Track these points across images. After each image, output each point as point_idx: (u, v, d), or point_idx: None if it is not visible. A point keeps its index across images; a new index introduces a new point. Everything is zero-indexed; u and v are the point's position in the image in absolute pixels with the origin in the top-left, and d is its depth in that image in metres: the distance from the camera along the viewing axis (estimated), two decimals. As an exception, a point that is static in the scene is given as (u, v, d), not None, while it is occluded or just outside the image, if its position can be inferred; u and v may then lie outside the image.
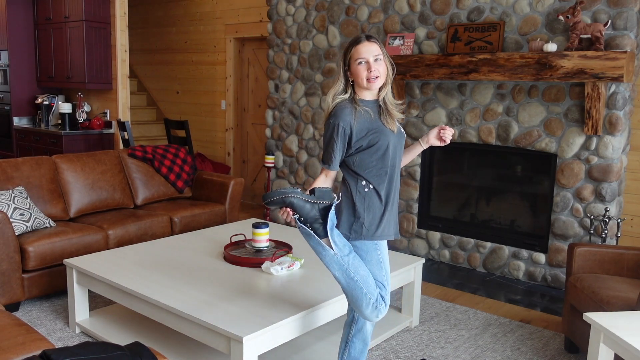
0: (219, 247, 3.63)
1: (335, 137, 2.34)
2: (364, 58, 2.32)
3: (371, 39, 2.36)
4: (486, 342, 3.36)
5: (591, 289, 2.95)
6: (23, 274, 3.60)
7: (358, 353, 2.62)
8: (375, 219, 2.40)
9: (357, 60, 2.33)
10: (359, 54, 2.33)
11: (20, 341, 2.06)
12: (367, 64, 2.32)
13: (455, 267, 4.80)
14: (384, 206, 2.40)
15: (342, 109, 2.34)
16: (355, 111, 2.33)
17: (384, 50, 2.38)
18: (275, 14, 5.82)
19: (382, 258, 2.46)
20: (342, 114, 2.33)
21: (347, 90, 2.39)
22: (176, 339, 3.11)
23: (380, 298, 2.42)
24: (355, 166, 2.38)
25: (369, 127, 2.34)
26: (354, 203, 2.39)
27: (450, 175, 5.09)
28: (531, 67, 4.03)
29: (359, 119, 2.33)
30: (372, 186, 2.38)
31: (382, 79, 2.36)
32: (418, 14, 4.81)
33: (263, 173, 6.84)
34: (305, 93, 5.66)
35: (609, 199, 4.06)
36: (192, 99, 7.66)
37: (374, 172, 2.37)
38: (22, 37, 6.87)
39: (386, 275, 2.47)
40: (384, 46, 2.43)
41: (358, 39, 2.37)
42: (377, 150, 2.35)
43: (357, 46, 2.34)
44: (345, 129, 2.32)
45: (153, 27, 8.02)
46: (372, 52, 2.33)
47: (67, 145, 6.22)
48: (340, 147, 2.35)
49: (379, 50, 2.35)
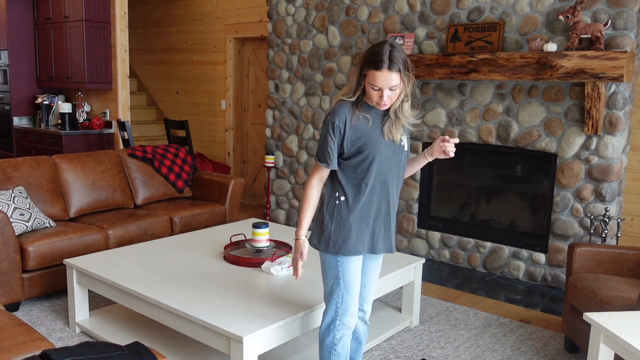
0: (219, 247, 3.63)
1: (331, 133, 2.25)
2: (379, 87, 2.17)
3: (393, 68, 2.13)
4: (486, 342, 3.36)
5: (591, 289, 2.95)
6: (23, 274, 3.60)
7: (352, 352, 2.63)
8: (342, 233, 2.30)
9: (370, 84, 2.18)
10: (374, 81, 2.16)
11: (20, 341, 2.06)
12: (380, 91, 2.18)
13: (455, 267, 4.80)
14: (357, 220, 2.30)
15: (341, 106, 2.27)
16: (352, 113, 2.25)
17: (405, 74, 2.17)
18: (275, 13, 5.82)
19: (342, 274, 2.35)
20: (340, 111, 2.25)
21: (357, 92, 2.25)
22: (176, 339, 3.11)
23: (338, 317, 2.38)
24: (337, 172, 2.31)
25: (360, 134, 2.24)
26: (324, 214, 2.34)
27: (450, 175, 5.09)
28: (531, 67, 4.03)
29: (355, 122, 2.24)
30: (345, 198, 2.30)
31: (394, 102, 2.23)
32: (418, 13, 4.80)
33: (263, 173, 6.84)
34: (305, 93, 5.66)
35: (609, 199, 4.06)
36: (192, 99, 7.66)
37: (354, 182, 2.29)
38: (22, 37, 6.87)
39: (346, 294, 2.36)
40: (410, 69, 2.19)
41: (379, 63, 2.13)
42: (363, 160, 2.26)
43: (376, 72, 2.14)
44: (340, 127, 2.24)
45: (153, 27, 8.02)
46: (390, 83, 2.15)
47: (67, 145, 6.22)
48: (336, 145, 2.27)
49: (398, 80, 2.16)
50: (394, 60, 2.13)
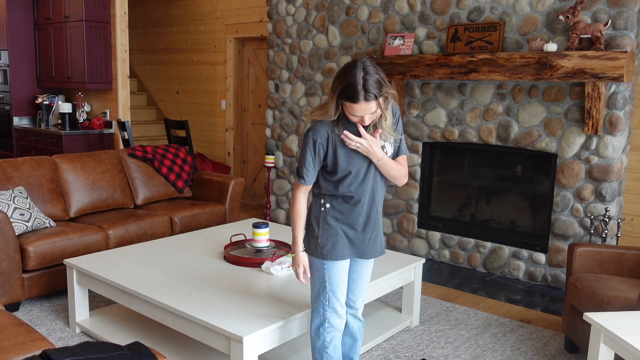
0: (219, 247, 3.64)
1: (312, 151, 2.26)
2: (358, 116, 2.16)
3: (369, 98, 2.09)
4: (486, 342, 3.36)
5: (591, 289, 2.95)
6: (23, 274, 3.60)
7: (347, 348, 2.63)
8: (329, 239, 2.34)
9: (350, 113, 2.17)
10: (353, 111, 2.15)
11: (20, 341, 2.06)
12: (360, 117, 2.17)
13: (456, 267, 4.80)
14: (344, 228, 2.34)
15: (322, 123, 2.26)
16: (333, 131, 2.24)
17: (383, 97, 2.15)
18: (275, 13, 5.82)
19: (327, 278, 2.38)
20: (321, 128, 2.25)
21: (336, 112, 2.21)
22: (176, 339, 3.11)
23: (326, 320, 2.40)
24: (321, 182, 2.34)
25: (342, 150, 2.25)
26: (311, 220, 2.38)
27: (450, 175, 5.09)
28: (531, 67, 4.03)
29: (336, 139, 2.24)
30: (331, 206, 2.33)
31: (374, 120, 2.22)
32: (418, 13, 4.80)
33: (263, 173, 6.84)
34: (306, 93, 5.66)
35: (609, 199, 4.06)
36: (192, 99, 7.66)
37: (339, 193, 2.31)
38: (22, 37, 6.87)
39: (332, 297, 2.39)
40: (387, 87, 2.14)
41: (354, 96, 2.09)
42: (347, 174, 2.28)
43: (353, 105, 2.12)
44: (322, 144, 2.25)
45: (153, 27, 8.02)
46: (369, 111, 2.14)
47: (67, 145, 6.23)
48: (316, 162, 2.28)
49: (376, 107, 2.14)
50: (369, 89, 2.09)
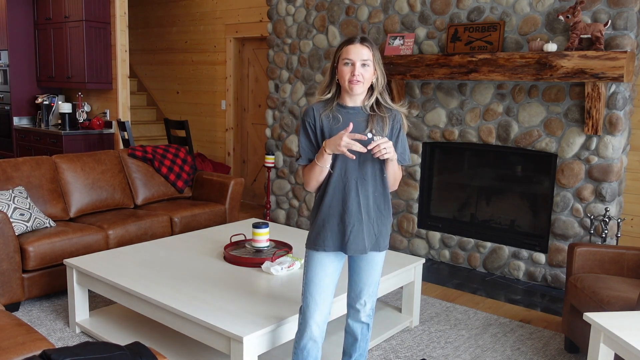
0: (219, 247, 3.64)
1: (304, 131, 2.33)
2: (351, 60, 2.23)
3: (365, 43, 2.25)
4: (486, 342, 3.36)
5: (591, 289, 2.95)
6: (23, 274, 3.60)
7: (347, 345, 2.64)
8: (314, 229, 2.36)
9: (344, 60, 2.25)
10: (347, 54, 2.24)
11: (20, 341, 2.06)
12: (352, 66, 2.23)
13: (455, 267, 4.80)
14: (325, 217, 2.32)
15: (314, 105, 2.34)
16: (323, 111, 2.29)
17: (377, 56, 2.27)
18: (275, 13, 5.82)
19: (306, 269, 2.38)
20: (310, 110, 2.32)
21: (331, 89, 2.31)
22: (176, 339, 3.11)
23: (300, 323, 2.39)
24: None
25: (327, 133, 2.27)
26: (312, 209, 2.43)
27: (450, 175, 5.09)
28: (531, 67, 4.03)
29: (324, 120, 2.28)
30: (319, 195, 2.35)
31: (365, 84, 2.26)
32: (418, 13, 4.80)
33: (263, 173, 6.84)
34: (306, 93, 5.66)
35: (609, 199, 4.06)
36: (192, 99, 7.66)
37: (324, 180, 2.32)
38: (22, 37, 6.87)
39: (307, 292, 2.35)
40: (379, 52, 2.32)
41: (352, 39, 2.28)
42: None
43: (348, 46, 2.25)
44: (311, 123, 2.30)
45: (153, 27, 8.02)
46: (361, 56, 2.23)
47: (67, 145, 6.23)
48: (308, 143, 2.32)
49: (369, 55, 2.25)
50: (366, 39, 2.29)
